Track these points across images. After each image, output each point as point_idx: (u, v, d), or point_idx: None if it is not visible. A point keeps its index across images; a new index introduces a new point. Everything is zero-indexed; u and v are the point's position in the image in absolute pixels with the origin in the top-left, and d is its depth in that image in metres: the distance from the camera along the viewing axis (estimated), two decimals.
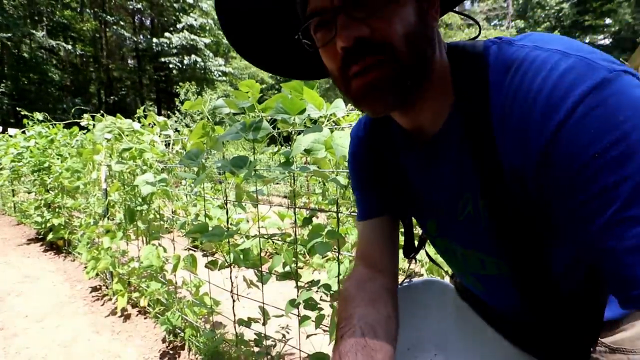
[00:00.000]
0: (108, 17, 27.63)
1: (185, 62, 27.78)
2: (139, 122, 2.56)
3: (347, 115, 1.53)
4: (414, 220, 0.78)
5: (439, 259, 0.92)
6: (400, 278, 0.84)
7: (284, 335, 1.87)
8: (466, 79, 0.49)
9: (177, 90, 16.02)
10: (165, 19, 30.19)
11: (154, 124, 2.52)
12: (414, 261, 1.42)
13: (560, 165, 0.38)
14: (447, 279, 0.91)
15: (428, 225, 0.68)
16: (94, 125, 2.86)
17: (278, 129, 1.44)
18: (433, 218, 0.65)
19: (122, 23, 28.22)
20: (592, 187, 0.36)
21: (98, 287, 3.44)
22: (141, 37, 29.73)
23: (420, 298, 0.84)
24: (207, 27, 29.80)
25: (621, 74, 0.36)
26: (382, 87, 0.46)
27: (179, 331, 2.42)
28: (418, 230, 0.89)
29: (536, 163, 0.41)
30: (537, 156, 0.40)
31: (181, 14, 28.99)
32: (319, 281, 1.54)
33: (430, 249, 0.94)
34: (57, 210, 4.43)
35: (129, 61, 32.31)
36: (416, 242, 0.83)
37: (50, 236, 4.42)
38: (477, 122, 0.47)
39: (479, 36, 0.56)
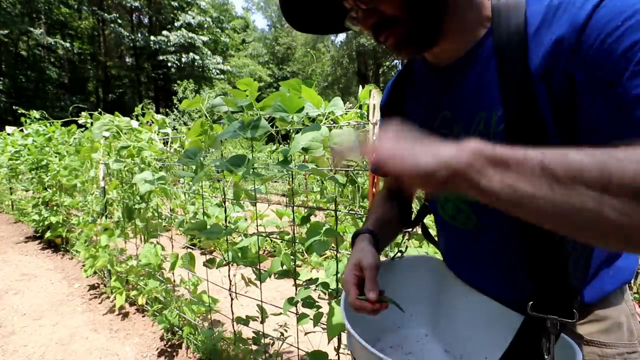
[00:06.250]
0: (106, 15, 27.53)
1: (184, 60, 27.74)
2: (137, 120, 2.55)
3: (346, 114, 1.53)
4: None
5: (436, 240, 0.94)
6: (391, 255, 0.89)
7: (282, 334, 1.87)
8: (505, 6, 0.57)
9: (175, 89, 15.98)
10: (163, 17, 30.12)
11: (152, 122, 2.52)
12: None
13: (594, 37, 0.44)
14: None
15: None
16: (91, 123, 2.85)
17: (276, 127, 1.44)
18: None
19: (120, 21, 28.10)
20: (621, 46, 0.42)
21: (96, 285, 3.44)
22: (139, 35, 29.61)
23: (412, 273, 0.86)
24: (205, 25, 29.77)
25: None
26: (403, 44, 0.60)
27: (177, 329, 2.42)
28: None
29: (572, 45, 0.47)
30: (571, 40, 0.47)
31: (179, 12, 28.92)
32: (317, 279, 1.54)
33: (428, 227, 0.95)
34: (55, 208, 4.42)
35: (127, 59, 32.19)
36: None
37: (48, 234, 4.41)
38: (510, 36, 0.55)
39: None
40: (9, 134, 5.34)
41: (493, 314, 0.68)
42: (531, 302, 0.57)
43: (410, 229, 0.88)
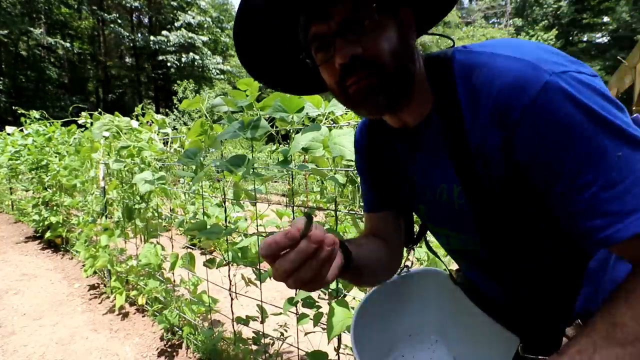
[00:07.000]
0: (106, 15, 27.53)
1: (183, 60, 27.72)
2: (137, 120, 2.56)
3: (346, 114, 1.53)
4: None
5: (440, 251, 0.98)
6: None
7: (282, 334, 1.87)
8: (440, 84, 0.58)
9: (175, 89, 15.99)
10: (163, 17, 30.11)
11: (152, 122, 2.52)
12: (415, 259, 1.43)
13: (523, 150, 0.48)
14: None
15: (420, 210, 0.73)
16: (91, 123, 2.85)
17: (276, 127, 1.44)
18: (423, 203, 0.71)
19: (120, 21, 28.10)
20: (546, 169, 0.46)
21: (96, 285, 3.44)
22: (139, 35, 29.60)
23: (419, 287, 0.90)
24: (205, 25, 29.74)
25: (560, 75, 0.45)
26: (372, 93, 0.55)
27: (177, 329, 2.42)
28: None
29: (504, 145, 0.50)
30: (505, 139, 0.49)
31: (179, 12, 28.90)
32: None
33: (431, 240, 0.97)
34: (55, 208, 4.42)
35: (127, 59, 32.19)
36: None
37: (48, 234, 4.41)
38: (451, 120, 0.55)
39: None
40: (9, 134, 5.34)
41: (493, 334, 0.73)
42: (521, 345, 0.62)
43: (414, 246, 0.91)
